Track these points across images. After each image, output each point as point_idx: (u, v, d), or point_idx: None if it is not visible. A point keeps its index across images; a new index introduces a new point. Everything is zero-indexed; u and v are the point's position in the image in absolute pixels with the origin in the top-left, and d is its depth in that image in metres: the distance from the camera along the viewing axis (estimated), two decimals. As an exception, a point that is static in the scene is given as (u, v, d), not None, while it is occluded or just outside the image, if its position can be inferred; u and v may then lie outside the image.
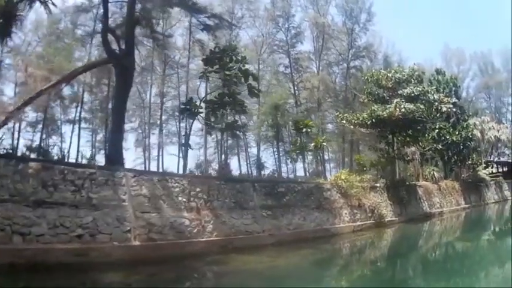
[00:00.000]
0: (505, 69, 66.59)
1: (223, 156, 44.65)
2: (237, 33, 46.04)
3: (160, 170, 32.14)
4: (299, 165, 44.14)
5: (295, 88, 44.69)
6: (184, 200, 13.72)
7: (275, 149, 50.00)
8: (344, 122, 26.02)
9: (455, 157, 34.61)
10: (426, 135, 32.02)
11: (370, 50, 45.54)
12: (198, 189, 14.31)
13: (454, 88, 36.49)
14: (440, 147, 30.17)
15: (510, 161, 49.54)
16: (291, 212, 17.09)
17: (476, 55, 65.80)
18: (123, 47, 16.65)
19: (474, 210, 33.20)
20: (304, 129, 23.17)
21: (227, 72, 17.51)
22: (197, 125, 52.26)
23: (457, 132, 33.50)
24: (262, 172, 41.70)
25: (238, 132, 18.21)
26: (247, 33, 49.04)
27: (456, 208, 31.18)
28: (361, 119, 24.84)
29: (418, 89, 25.27)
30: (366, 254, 16.16)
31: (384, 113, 23.89)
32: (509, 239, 20.50)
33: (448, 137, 32.93)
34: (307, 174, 33.56)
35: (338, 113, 28.26)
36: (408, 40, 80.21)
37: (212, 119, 18.80)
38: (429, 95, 25.63)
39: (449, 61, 60.54)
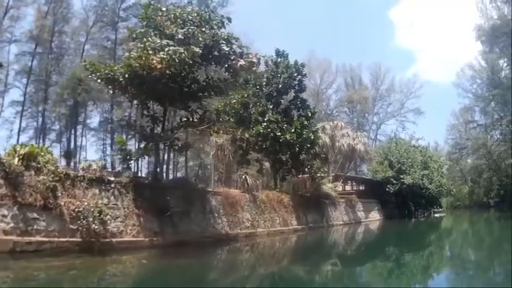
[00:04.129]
0: (374, 86, 63.71)
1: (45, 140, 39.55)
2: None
3: None
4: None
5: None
6: None
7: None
8: (95, 77, 15.78)
9: (290, 162, 26.17)
10: (251, 127, 23.45)
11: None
12: None
13: (298, 76, 28.45)
14: (256, 140, 21.12)
15: (368, 178, 43.77)
16: None
17: (344, 68, 61.98)
18: None
19: (311, 233, 24.68)
20: None
21: None
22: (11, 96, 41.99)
23: (292, 130, 25.17)
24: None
25: None
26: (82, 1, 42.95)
27: (282, 229, 22.32)
28: (112, 72, 14.91)
29: (206, 31, 16.05)
30: None
31: (136, 61, 14.20)
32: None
33: (279, 134, 24.49)
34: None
35: (84, 61, 17.98)
36: (270, 39, 74.56)
37: None
38: (222, 43, 16.32)
39: (314, 70, 54.97)
